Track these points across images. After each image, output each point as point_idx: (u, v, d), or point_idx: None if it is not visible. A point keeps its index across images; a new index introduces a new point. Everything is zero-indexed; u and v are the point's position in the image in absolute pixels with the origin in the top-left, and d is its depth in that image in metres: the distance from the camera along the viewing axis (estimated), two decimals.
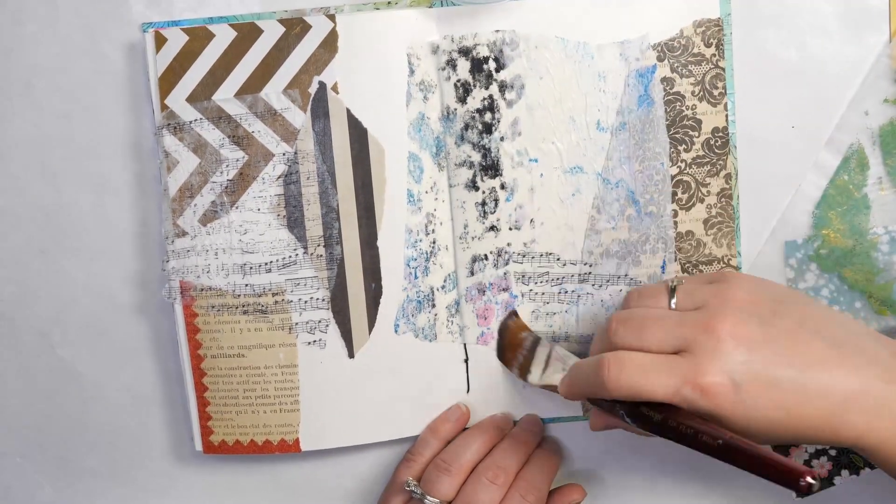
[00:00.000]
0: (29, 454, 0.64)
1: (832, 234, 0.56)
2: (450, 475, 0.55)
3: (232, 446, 0.60)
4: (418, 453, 0.58)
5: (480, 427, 0.58)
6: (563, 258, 0.57)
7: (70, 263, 0.62)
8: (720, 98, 0.56)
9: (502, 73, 0.56)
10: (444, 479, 0.55)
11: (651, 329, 0.47)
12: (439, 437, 0.58)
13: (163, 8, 0.58)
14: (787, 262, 0.58)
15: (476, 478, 0.55)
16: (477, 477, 0.55)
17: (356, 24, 0.56)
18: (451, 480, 0.55)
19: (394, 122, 0.57)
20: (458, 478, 0.55)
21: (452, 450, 0.57)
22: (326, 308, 0.58)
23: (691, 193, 0.56)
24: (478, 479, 0.55)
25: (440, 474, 0.55)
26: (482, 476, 0.55)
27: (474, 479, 0.55)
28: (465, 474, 0.56)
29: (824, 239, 0.56)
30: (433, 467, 0.56)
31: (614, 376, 0.46)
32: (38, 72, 0.60)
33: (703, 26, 0.55)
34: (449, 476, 0.55)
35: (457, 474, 0.55)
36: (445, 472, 0.55)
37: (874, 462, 0.45)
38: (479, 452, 0.57)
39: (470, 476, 0.56)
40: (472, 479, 0.55)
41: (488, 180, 0.57)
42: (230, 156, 0.57)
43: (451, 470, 0.55)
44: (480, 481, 0.55)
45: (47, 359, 0.63)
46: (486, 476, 0.55)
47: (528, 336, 0.57)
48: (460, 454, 0.56)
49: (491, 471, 0.55)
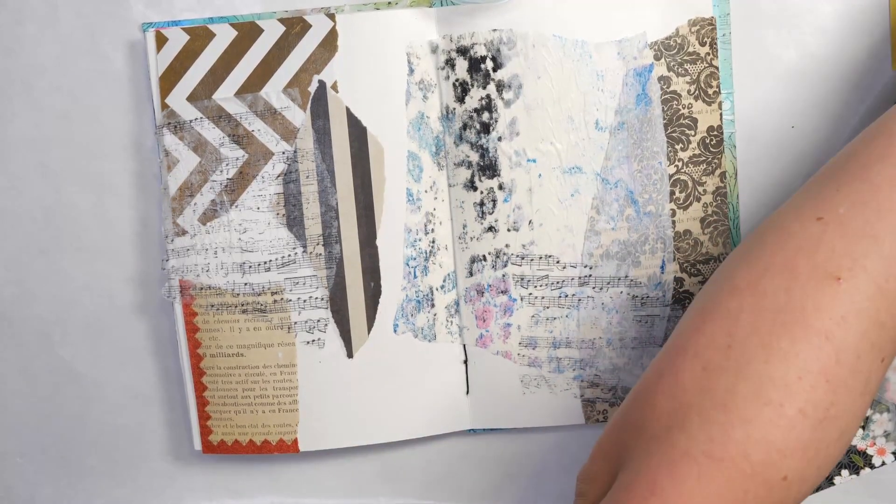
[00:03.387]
0: (29, 454, 0.64)
1: None
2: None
3: (231, 446, 0.60)
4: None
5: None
6: (562, 261, 0.57)
7: (70, 263, 0.62)
8: (714, 97, 0.56)
9: (500, 72, 0.56)
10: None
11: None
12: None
13: (163, 8, 0.59)
14: None
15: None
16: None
17: (356, 24, 0.56)
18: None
19: (393, 121, 0.57)
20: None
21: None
22: (325, 307, 0.58)
23: (688, 192, 0.56)
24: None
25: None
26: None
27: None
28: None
29: None
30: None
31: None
32: (38, 72, 0.60)
33: (698, 25, 0.55)
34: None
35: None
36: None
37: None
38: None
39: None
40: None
41: (486, 180, 0.57)
42: (230, 154, 0.57)
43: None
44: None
45: (47, 359, 0.63)
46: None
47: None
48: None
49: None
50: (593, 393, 0.58)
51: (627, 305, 0.57)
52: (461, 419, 0.60)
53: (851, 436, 0.41)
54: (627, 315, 0.57)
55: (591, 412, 0.58)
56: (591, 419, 0.58)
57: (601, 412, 0.58)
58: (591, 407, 0.58)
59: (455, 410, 0.60)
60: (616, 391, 0.58)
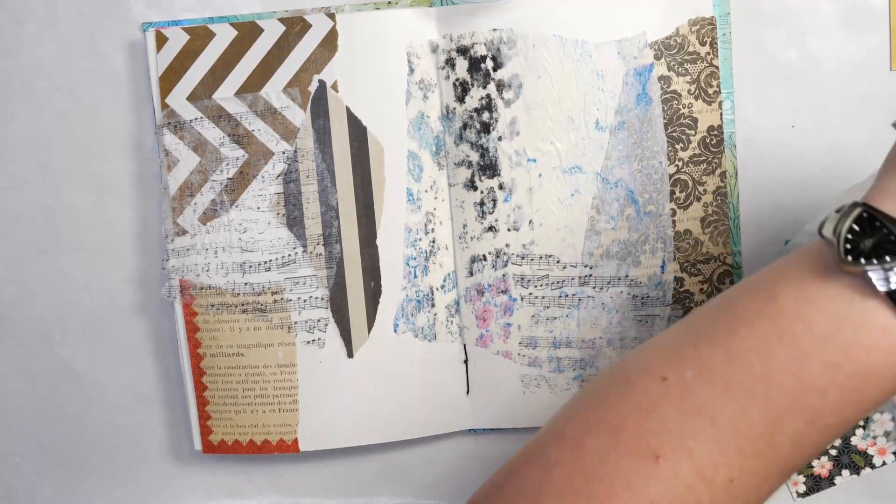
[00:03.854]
0: (29, 454, 0.64)
1: None
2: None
3: (231, 446, 0.60)
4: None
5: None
6: (562, 260, 0.57)
7: (70, 263, 0.62)
8: (715, 96, 0.56)
9: (500, 71, 0.56)
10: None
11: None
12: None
13: (163, 7, 0.59)
14: None
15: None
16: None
17: (356, 23, 0.56)
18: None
19: (393, 121, 0.57)
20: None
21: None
22: (325, 307, 0.58)
23: (689, 192, 0.56)
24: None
25: None
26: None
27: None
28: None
29: None
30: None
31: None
32: (38, 72, 0.60)
33: (698, 24, 0.55)
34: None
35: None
36: None
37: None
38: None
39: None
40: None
41: (486, 180, 0.57)
42: (230, 154, 0.57)
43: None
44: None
45: (47, 359, 0.63)
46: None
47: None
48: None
49: None
50: None
51: (628, 305, 0.57)
52: (461, 419, 0.60)
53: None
54: (628, 315, 0.57)
55: None
56: None
57: None
58: None
59: (455, 410, 0.60)
60: None
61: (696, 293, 0.57)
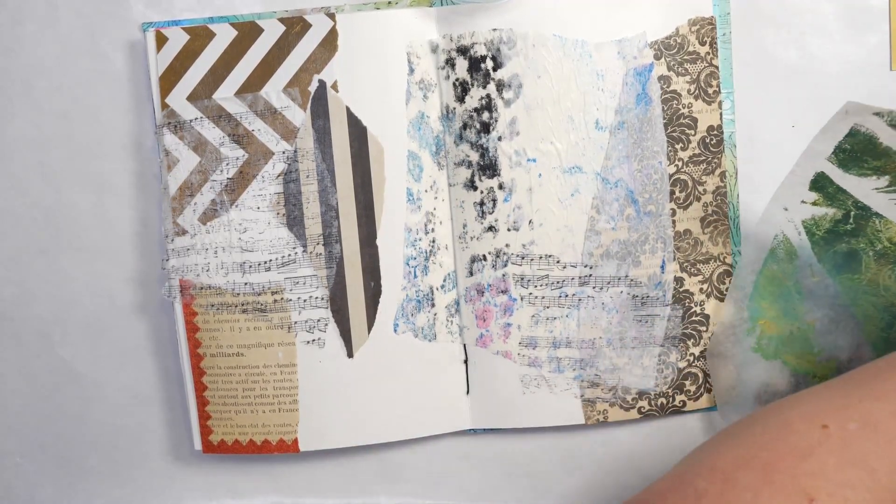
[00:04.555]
0: (29, 454, 0.64)
1: (768, 323, 0.57)
2: None
3: (231, 446, 0.60)
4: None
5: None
6: (562, 260, 0.57)
7: (70, 263, 0.62)
8: (714, 96, 0.56)
9: (500, 71, 0.56)
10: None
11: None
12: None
13: (163, 7, 0.59)
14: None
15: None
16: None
17: (356, 23, 0.56)
18: None
19: (393, 121, 0.57)
20: None
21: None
22: (325, 307, 0.58)
23: (688, 192, 0.56)
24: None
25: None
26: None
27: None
28: None
29: (762, 329, 0.57)
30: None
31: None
32: (38, 72, 0.60)
33: (698, 24, 0.55)
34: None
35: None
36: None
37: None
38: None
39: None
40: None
41: (486, 180, 0.57)
42: (230, 154, 0.57)
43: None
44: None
45: (47, 359, 0.63)
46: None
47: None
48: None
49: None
50: (593, 393, 0.58)
51: (627, 305, 0.57)
52: (461, 419, 0.60)
53: None
54: (627, 315, 0.57)
55: (591, 412, 0.58)
56: (591, 419, 0.58)
57: (601, 412, 0.58)
58: (591, 407, 0.58)
59: (455, 410, 0.60)
60: (616, 391, 0.58)
61: (695, 293, 0.57)
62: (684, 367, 0.58)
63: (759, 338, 0.57)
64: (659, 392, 0.58)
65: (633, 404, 0.58)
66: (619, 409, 0.58)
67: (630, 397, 0.58)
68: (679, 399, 0.58)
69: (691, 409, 0.58)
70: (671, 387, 0.58)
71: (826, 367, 0.56)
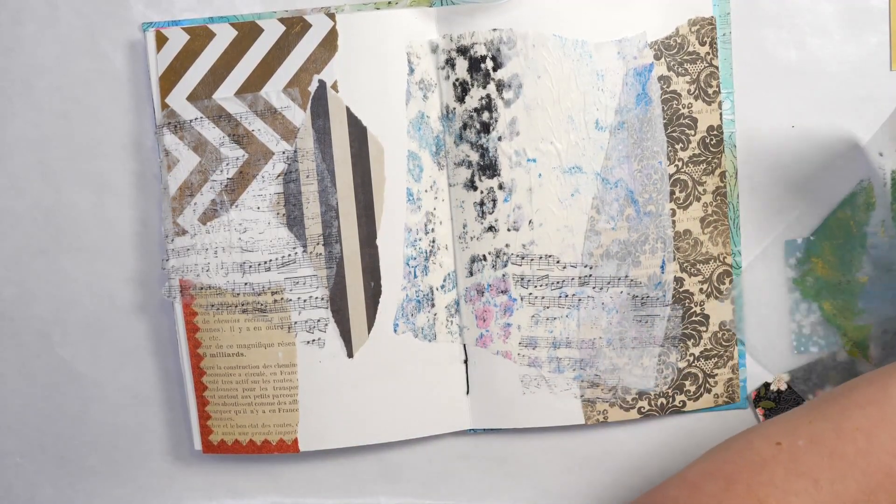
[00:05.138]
0: (29, 454, 0.64)
1: (821, 264, 0.56)
2: None
3: (231, 446, 0.60)
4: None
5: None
6: (562, 261, 0.57)
7: (70, 263, 0.62)
8: (714, 96, 0.56)
9: (500, 71, 0.56)
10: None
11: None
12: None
13: (163, 7, 0.59)
14: (788, 262, 0.58)
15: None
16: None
17: (356, 23, 0.56)
18: None
19: (393, 121, 0.57)
20: None
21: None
22: (325, 307, 0.58)
23: (688, 192, 0.56)
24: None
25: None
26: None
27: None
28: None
29: (812, 266, 0.56)
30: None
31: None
32: (38, 72, 0.60)
33: (698, 24, 0.55)
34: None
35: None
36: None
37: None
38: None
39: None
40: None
41: (486, 180, 0.57)
42: (230, 154, 0.57)
43: None
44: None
45: (47, 359, 0.63)
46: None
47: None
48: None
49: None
50: (593, 393, 0.58)
51: (627, 305, 0.57)
52: (461, 419, 0.60)
53: None
54: (627, 315, 0.57)
55: (591, 412, 0.58)
56: (591, 419, 0.58)
57: (601, 412, 0.58)
58: (591, 407, 0.58)
59: (455, 410, 0.60)
60: (616, 391, 0.58)
61: (695, 293, 0.57)
62: (684, 367, 0.58)
63: (806, 273, 0.56)
64: (659, 392, 0.58)
65: (633, 404, 0.58)
66: (619, 409, 0.58)
67: (630, 397, 0.58)
68: (679, 399, 0.58)
69: (691, 409, 0.58)
70: (671, 387, 0.58)
71: (858, 331, 0.56)
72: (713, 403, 0.58)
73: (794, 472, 0.43)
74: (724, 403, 0.59)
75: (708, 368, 0.58)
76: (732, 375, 0.58)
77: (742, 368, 0.59)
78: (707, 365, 0.58)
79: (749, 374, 0.59)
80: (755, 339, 0.58)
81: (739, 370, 0.59)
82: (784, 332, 0.59)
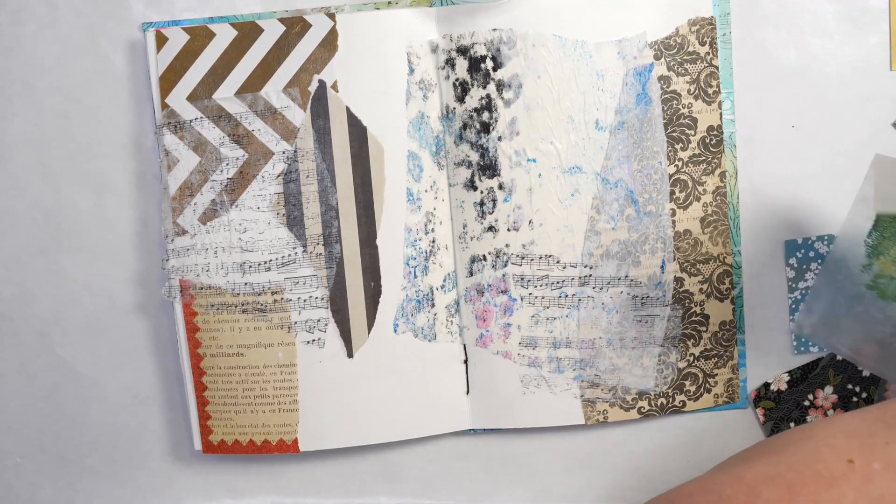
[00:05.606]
0: (29, 454, 0.64)
1: (887, 264, 0.55)
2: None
3: (231, 446, 0.60)
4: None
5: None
6: (562, 261, 0.57)
7: (70, 263, 0.62)
8: (714, 96, 0.56)
9: (500, 71, 0.56)
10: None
11: None
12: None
13: (163, 7, 0.59)
14: (788, 262, 0.57)
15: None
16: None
17: (356, 23, 0.56)
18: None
19: (393, 121, 0.57)
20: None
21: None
22: (325, 307, 0.58)
23: (688, 192, 0.56)
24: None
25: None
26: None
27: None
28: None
29: (881, 268, 0.55)
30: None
31: None
32: (38, 72, 0.60)
33: (698, 24, 0.55)
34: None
35: None
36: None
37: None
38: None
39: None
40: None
41: (486, 180, 0.57)
42: (230, 154, 0.57)
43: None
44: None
45: (47, 359, 0.63)
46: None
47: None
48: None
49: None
50: (593, 393, 0.58)
51: (627, 305, 0.57)
52: (461, 419, 0.60)
53: None
54: (627, 315, 0.57)
55: (591, 412, 0.58)
56: (591, 419, 0.58)
57: (601, 412, 0.58)
58: (591, 407, 0.58)
59: (455, 410, 0.60)
60: (616, 391, 0.58)
61: (695, 293, 0.57)
62: (684, 367, 0.58)
63: (877, 276, 0.55)
64: (659, 392, 0.58)
65: (633, 404, 0.58)
66: (619, 409, 0.58)
67: (630, 397, 0.58)
68: (679, 399, 0.58)
69: (691, 409, 0.58)
70: (671, 387, 0.58)
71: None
72: (713, 403, 0.58)
73: (867, 497, 0.39)
74: (724, 403, 0.59)
75: (708, 368, 0.58)
76: (732, 375, 0.58)
77: (742, 368, 0.59)
78: (707, 365, 0.58)
79: (749, 374, 0.59)
80: (755, 339, 0.58)
81: (739, 370, 0.59)
82: (784, 332, 0.59)
